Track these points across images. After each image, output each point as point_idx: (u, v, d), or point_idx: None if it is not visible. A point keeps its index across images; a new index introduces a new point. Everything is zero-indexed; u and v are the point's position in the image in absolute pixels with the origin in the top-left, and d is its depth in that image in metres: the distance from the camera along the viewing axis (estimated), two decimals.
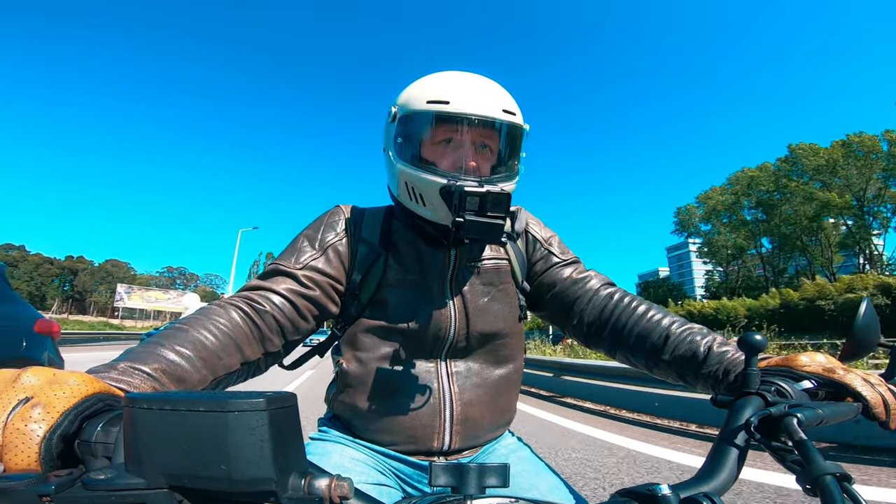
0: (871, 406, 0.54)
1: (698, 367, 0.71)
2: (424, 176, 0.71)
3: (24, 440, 0.34)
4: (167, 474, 0.28)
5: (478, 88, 0.73)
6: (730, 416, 0.49)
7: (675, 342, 0.74)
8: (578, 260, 0.90)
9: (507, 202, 0.64)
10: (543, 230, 0.91)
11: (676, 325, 0.76)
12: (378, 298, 0.79)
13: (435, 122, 0.72)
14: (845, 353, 0.61)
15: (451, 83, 0.73)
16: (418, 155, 0.74)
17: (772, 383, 0.55)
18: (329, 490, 0.30)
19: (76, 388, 0.37)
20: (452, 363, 0.80)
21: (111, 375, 0.49)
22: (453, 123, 0.71)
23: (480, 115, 0.71)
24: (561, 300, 0.87)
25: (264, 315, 0.70)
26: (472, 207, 0.64)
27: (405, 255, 0.80)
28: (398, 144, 0.76)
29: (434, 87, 0.73)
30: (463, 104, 0.70)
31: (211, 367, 0.60)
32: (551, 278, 0.87)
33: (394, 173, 0.77)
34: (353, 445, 0.80)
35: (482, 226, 0.64)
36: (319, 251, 0.78)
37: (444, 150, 0.73)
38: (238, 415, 0.27)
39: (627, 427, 4.47)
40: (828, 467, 0.38)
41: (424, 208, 0.74)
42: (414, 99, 0.74)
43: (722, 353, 0.69)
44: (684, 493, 0.39)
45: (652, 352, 0.76)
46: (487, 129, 0.73)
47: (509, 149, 0.76)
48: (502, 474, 0.40)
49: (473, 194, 0.64)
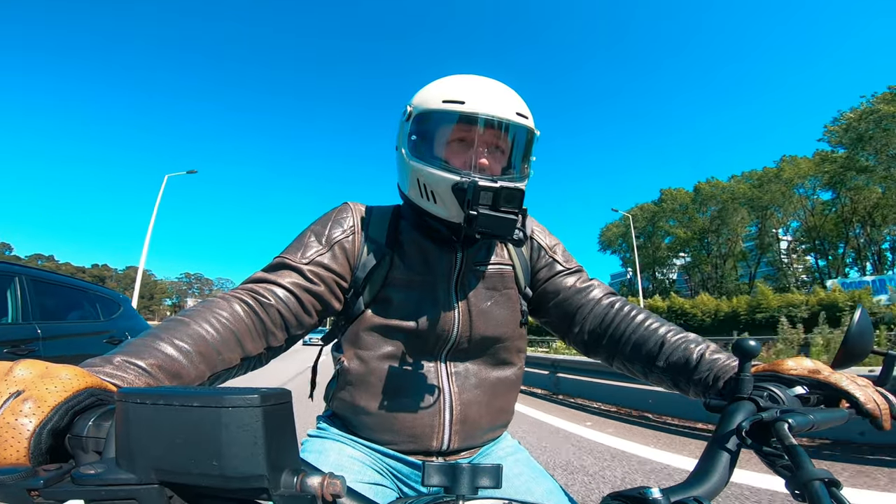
0: (863, 403, 0.54)
1: (690, 373, 0.71)
2: (437, 173, 0.72)
3: (13, 434, 0.33)
4: (158, 469, 0.28)
5: (493, 91, 0.74)
6: (722, 421, 0.50)
7: (669, 349, 0.75)
8: (582, 268, 0.91)
9: (520, 198, 0.65)
10: (548, 237, 0.91)
11: (672, 334, 0.77)
12: (382, 297, 0.79)
13: (449, 121, 0.73)
14: (838, 360, 0.61)
15: (467, 85, 0.74)
16: (431, 152, 0.75)
17: (764, 388, 0.55)
18: (321, 488, 0.30)
19: (68, 382, 0.37)
20: (452, 364, 0.80)
21: (105, 370, 0.48)
22: (467, 123, 0.72)
23: (495, 116, 0.72)
24: (564, 309, 0.87)
25: (269, 308, 0.69)
26: (486, 202, 0.65)
27: (411, 255, 0.80)
28: (412, 142, 0.76)
29: (450, 87, 0.74)
30: (478, 105, 0.71)
31: (209, 363, 0.60)
32: (555, 287, 0.88)
33: (406, 171, 0.77)
34: (352, 444, 0.80)
35: (495, 220, 0.64)
36: (326, 247, 0.78)
37: (457, 149, 0.74)
38: (232, 410, 0.27)
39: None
40: (817, 473, 0.38)
41: (436, 205, 0.74)
42: (430, 98, 0.75)
43: (713, 360, 0.70)
44: (675, 497, 0.39)
45: (648, 359, 0.77)
46: (501, 130, 0.74)
47: (520, 151, 0.78)
48: (495, 475, 0.40)
49: (487, 189, 0.65)
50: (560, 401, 6.22)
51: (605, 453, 3.57)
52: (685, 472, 0.45)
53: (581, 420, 4.92)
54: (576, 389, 6.21)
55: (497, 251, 0.85)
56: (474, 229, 0.65)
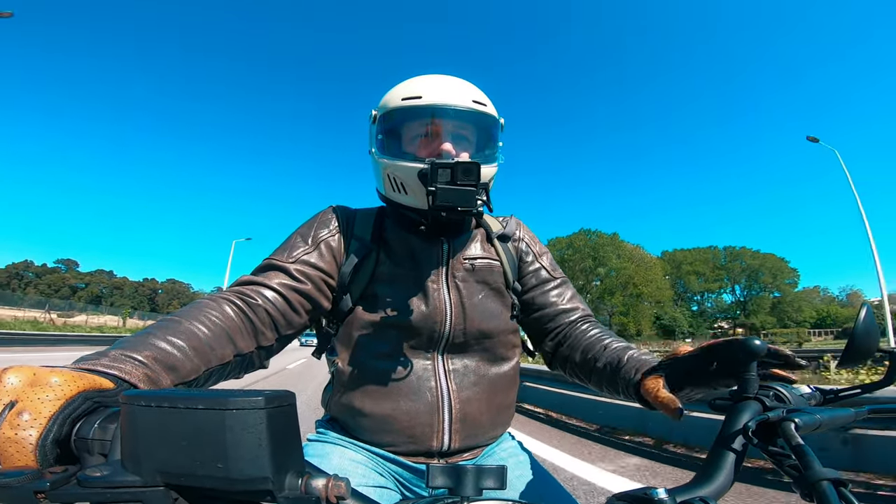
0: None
1: (618, 371, 0.75)
2: (403, 164, 0.76)
3: (17, 448, 0.33)
4: (164, 472, 0.28)
5: (448, 83, 0.79)
6: (727, 421, 0.49)
7: (608, 353, 0.79)
8: (567, 280, 0.94)
9: (476, 170, 0.67)
10: (537, 245, 0.94)
11: (618, 344, 0.80)
12: (370, 293, 0.79)
13: (409, 117, 0.78)
14: (844, 359, 0.61)
15: (423, 81, 0.80)
16: (399, 148, 0.79)
17: (770, 388, 0.55)
18: (326, 490, 0.30)
19: (59, 389, 0.37)
20: (449, 360, 0.80)
21: (102, 362, 0.48)
22: (427, 116, 0.77)
23: (451, 104, 0.76)
24: (543, 322, 0.90)
25: (257, 309, 0.70)
26: (444, 179, 0.67)
27: (397, 250, 0.81)
28: (379, 142, 0.81)
29: (408, 86, 0.79)
30: (434, 97, 0.76)
31: (203, 358, 0.60)
32: (543, 299, 0.90)
33: (378, 170, 0.81)
34: (352, 447, 0.79)
35: (454, 192, 0.67)
36: (312, 246, 0.79)
37: (421, 141, 0.78)
38: (236, 413, 0.27)
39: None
40: (825, 473, 0.38)
41: (407, 196, 0.78)
42: (391, 99, 0.80)
43: (639, 359, 0.73)
44: (681, 497, 0.39)
45: (589, 361, 0.81)
46: (460, 119, 0.78)
47: (483, 137, 0.82)
48: (499, 476, 0.40)
49: (444, 165, 0.68)
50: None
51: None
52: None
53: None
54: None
55: (484, 247, 0.86)
56: (436, 206, 0.67)
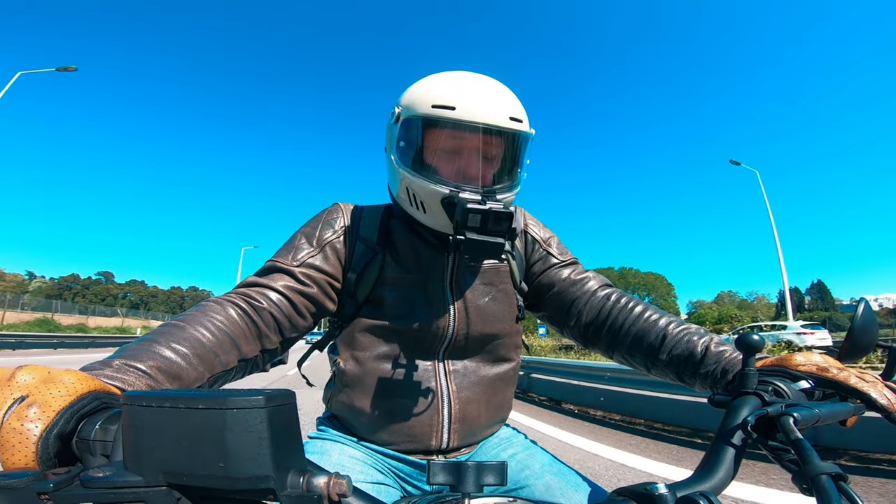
0: (875, 399, 0.53)
1: (696, 366, 0.71)
2: (427, 185, 0.69)
3: (20, 440, 0.34)
4: (166, 472, 0.28)
5: (484, 94, 0.70)
6: (727, 416, 0.49)
7: (672, 342, 0.75)
8: (577, 261, 0.90)
9: (508, 220, 0.64)
10: (542, 231, 0.90)
11: (673, 326, 0.77)
12: (375, 296, 0.78)
13: (439, 129, 0.70)
14: (843, 354, 0.61)
15: (457, 87, 0.70)
16: (421, 161, 0.72)
17: (769, 383, 0.55)
18: (327, 488, 0.30)
19: (71, 386, 0.37)
20: (450, 362, 0.80)
21: (106, 373, 0.48)
22: (458, 131, 0.69)
23: (487, 123, 0.68)
24: (559, 301, 0.87)
25: (262, 312, 0.69)
26: (474, 224, 0.63)
27: (403, 253, 0.79)
28: (400, 148, 0.73)
29: (439, 90, 0.70)
30: (469, 111, 0.67)
31: (208, 365, 0.60)
32: (550, 279, 0.87)
33: (395, 177, 0.76)
34: (352, 445, 0.80)
35: (483, 245, 0.64)
36: (317, 248, 0.77)
37: (448, 157, 0.71)
38: (237, 412, 0.27)
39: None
40: (824, 467, 0.38)
41: (425, 215, 0.73)
42: (418, 102, 0.70)
43: (720, 353, 0.70)
44: (681, 492, 0.39)
45: (649, 352, 0.77)
46: (493, 137, 0.70)
47: (514, 157, 0.74)
48: (500, 473, 0.40)
49: (476, 211, 0.63)
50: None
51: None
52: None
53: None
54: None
55: None
56: (462, 253, 0.65)
